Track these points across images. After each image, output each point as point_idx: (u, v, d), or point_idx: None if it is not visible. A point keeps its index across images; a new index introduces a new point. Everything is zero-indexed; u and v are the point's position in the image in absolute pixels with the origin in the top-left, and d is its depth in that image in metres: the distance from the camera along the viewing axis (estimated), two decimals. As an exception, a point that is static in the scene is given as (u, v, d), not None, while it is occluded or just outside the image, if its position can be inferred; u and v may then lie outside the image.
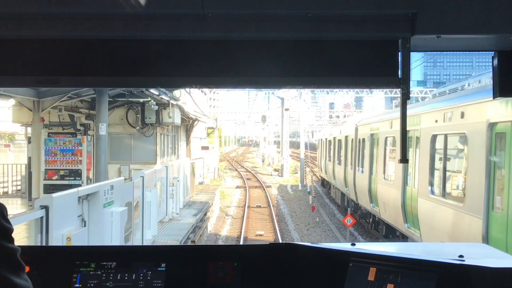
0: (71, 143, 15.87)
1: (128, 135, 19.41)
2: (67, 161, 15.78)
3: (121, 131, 19.29)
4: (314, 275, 2.46)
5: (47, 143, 15.80)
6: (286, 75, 1.98)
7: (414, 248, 3.09)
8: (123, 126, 19.14)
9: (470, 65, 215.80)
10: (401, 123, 2.03)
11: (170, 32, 1.92)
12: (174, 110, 18.99)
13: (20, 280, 1.33)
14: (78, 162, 15.76)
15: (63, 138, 16.00)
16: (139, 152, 19.43)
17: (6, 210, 1.38)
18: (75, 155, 15.78)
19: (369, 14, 1.90)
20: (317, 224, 22.41)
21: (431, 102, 14.21)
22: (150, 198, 11.33)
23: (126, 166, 19.08)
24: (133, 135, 19.35)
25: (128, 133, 19.33)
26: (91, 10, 1.85)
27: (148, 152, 19.43)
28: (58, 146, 15.80)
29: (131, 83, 2.07)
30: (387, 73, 1.97)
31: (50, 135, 16.19)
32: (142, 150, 19.45)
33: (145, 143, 19.42)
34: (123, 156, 19.33)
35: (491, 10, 1.83)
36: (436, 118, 10.90)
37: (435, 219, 10.70)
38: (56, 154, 15.78)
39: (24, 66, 1.96)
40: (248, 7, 1.85)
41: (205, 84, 2.06)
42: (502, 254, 2.64)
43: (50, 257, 2.53)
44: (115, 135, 19.37)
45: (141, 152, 19.44)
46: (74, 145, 15.84)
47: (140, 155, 19.42)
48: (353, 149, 20.43)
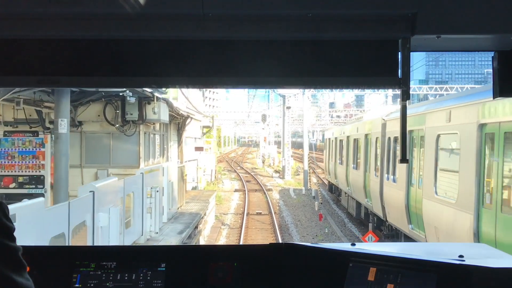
0: (32, 143, 13.07)
1: (106, 134, 16.60)
2: (27, 165, 12.97)
3: (98, 130, 16.50)
4: (314, 275, 2.48)
5: (2, 143, 13.03)
6: (286, 75, 1.98)
7: (414, 248, 3.11)
8: (101, 124, 16.34)
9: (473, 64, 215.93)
10: (401, 123, 2.02)
11: (170, 32, 1.92)
12: (160, 105, 16.19)
13: (22, 279, 1.33)
14: (40, 167, 12.97)
15: (23, 137, 13.16)
16: (119, 154, 16.61)
17: (7, 209, 1.38)
18: (37, 158, 13.00)
19: (369, 14, 1.89)
20: (327, 236, 19.56)
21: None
22: (105, 221, 8.33)
23: (104, 170, 16.28)
24: (113, 134, 16.54)
25: (106, 132, 16.53)
26: (91, 10, 1.84)
27: (130, 154, 16.61)
28: (16, 148, 13.02)
29: (131, 83, 2.08)
30: (387, 73, 1.97)
31: (6, 134, 13.37)
32: (122, 151, 16.63)
33: (127, 143, 16.60)
34: (100, 159, 16.52)
35: (491, 10, 1.83)
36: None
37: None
38: (14, 157, 13.01)
39: (24, 66, 1.96)
40: (248, 7, 1.85)
41: (205, 84, 2.08)
42: (502, 254, 2.66)
43: (50, 257, 2.57)
44: (91, 134, 16.59)
45: (121, 154, 16.62)
46: (35, 146, 13.06)
47: (120, 158, 16.60)
48: (379, 150, 16.13)
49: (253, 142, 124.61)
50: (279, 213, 25.11)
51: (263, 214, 24.47)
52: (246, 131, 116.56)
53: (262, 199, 30.05)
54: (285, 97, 45.74)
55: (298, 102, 54.88)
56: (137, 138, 16.47)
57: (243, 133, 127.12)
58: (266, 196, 30.68)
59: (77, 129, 16.21)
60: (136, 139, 16.48)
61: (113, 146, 16.53)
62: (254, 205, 27.80)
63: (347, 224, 22.06)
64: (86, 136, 16.52)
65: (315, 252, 2.57)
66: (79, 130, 16.30)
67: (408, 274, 2.19)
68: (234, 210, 26.50)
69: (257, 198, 30.80)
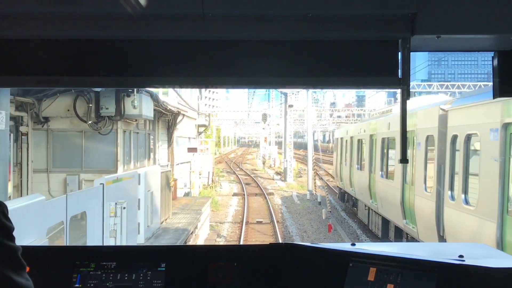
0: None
1: (78, 133, 13.96)
2: (-31, 171, 10.35)
3: (67, 127, 13.87)
4: (314, 275, 2.49)
5: None
6: (286, 75, 1.99)
7: (414, 248, 3.09)
8: (71, 120, 13.73)
9: (475, 63, 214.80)
10: (401, 123, 2.04)
11: (170, 32, 1.92)
12: (141, 98, 13.55)
13: (21, 279, 1.33)
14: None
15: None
16: (93, 157, 13.97)
17: (7, 208, 1.39)
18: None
19: (369, 14, 1.90)
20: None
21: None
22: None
23: (74, 176, 13.67)
24: (85, 133, 13.90)
25: (77, 130, 13.90)
26: (91, 10, 1.85)
27: (106, 156, 13.96)
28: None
29: (131, 83, 2.08)
30: (387, 73, 1.98)
31: None
32: (97, 153, 13.99)
33: (102, 143, 13.97)
34: (70, 162, 13.88)
35: (491, 10, 1.84)
36: None
37: None
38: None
39: (24, 66, 1.96)
40: (248, 7, 1.85)
41: (205, 84, 2.08)
42: (502, 254, 2.69)
43: (50, 257, 2.56)
44: (59, 133, 13.95)
45: (96, 156, 13.98)
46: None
47: (94, 161, 13.96)
48: (435, 154, 11.34)
49: (253, 142, 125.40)
50: (282, 221, 22.46)
51: (264, 223, 21.85)
52: (246, 131, 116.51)
53: (262, 205, 27.48)
54: (286, 95, 43.68)
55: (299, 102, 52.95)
56: (114, 137, 13.82)
57: (243, 133, 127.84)
58: (267, 201, 28.14)
59: (43, 127, 13.61)
60: (113, 138, 13.83)
61: (86, 146, 13.89)
62: (254, 211, 25.21)
63: (361, 237, 19.39)
64: (53, 135, 13.88)
65: (315, 252, 2.59)
66: (45, 127, 13.68)
67: (408, 274, 2.20)
68: (232, 218, 23.84)
69: (257, 203, 28.25)
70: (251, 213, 24.81)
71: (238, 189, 35.65)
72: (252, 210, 25.58)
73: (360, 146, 20.80)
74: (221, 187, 36.48)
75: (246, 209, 25.46)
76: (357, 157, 21.38)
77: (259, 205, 27.42)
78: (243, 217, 23.10)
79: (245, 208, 25.75)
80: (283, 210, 26.01)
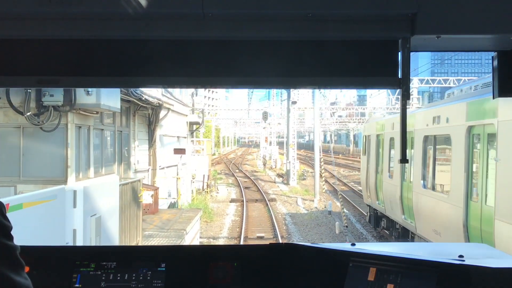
0: None
1: (15, 129, 10.34)
2: None
3: (0, 122, 10.26)
4: (314, 275, 2.49)
5: None
6: (286, 75, 2.00)
7: (414, 248, 3.10)
8: (4, 112, 10.12)
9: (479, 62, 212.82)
10: (401, 123, 2.04)
11: (170, 32, 1.93)
12: (100, 81, 9.93)
13: (20, 278, 1.31)
14: None
15: None
16: (35, 161, 10.32)
17: (5, 207, 1.37)
18: None
19: (369, 14, 1.90)
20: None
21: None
22: None
23: (10, 187, 10.04)
24: (24, 129, 10.28)
25: (14, 126, 10.28)
26: (91, 10, 1.85)
27: (52, 160, 10.33)
28: None
29: (131, 83, 2.09)
30: (387, 73, 1.98)
31: None
32: (41, 157, 10.35)
33: (47, 143, 10.34)
34: (5, 169, 10.26)
35: (491, 10, 1.84)
36: None
37: None
38: None
39: (24, 66, 1.96)
40: (248, 7, 1.86)
41: (205, 84, 2.09)
42: (502, 254, 2.67)
43: (50, 257, 2.56)
44: (-12, 129, 10.33)
45: (39, 160, 10.35)
46: None
47: (36, 167, 10.31)
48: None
49: (253, 142, 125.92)
50: (287, 236, 18.89)
51: (266, 238, 18.31)
52: (246, 131, 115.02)
53: (264, 214, 23.94)
54: (289, 91, 39.93)
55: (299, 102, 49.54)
56: (63, 134, 10.18)
57: (243, 133, 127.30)
58: (269, 209, 24.65)
59: (-35, 121, 10.00)
60: (61, 136, 10.20)
61: (25, 148, 10.25)
62: (254, 223, 21.66)
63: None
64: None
65: (315, 252, 2.60)
66: (-31, 122, 10.09)
67: (408, 274, 2.20)
68: (228, 233, 20.21)
69: (257, 211, 24.74)
70: (251, 224, 21.30)
71: (236, 194, 32.24)
72: (251, 221, 22.05)
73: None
74: (217, 191, 32.96)
75: (244, 219, 21.93)
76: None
77: (259, 214, 23.90)
78: (241, 230, 19.55)
79: (243, 218, 22.21)
80: (288, 220, 22.44)
